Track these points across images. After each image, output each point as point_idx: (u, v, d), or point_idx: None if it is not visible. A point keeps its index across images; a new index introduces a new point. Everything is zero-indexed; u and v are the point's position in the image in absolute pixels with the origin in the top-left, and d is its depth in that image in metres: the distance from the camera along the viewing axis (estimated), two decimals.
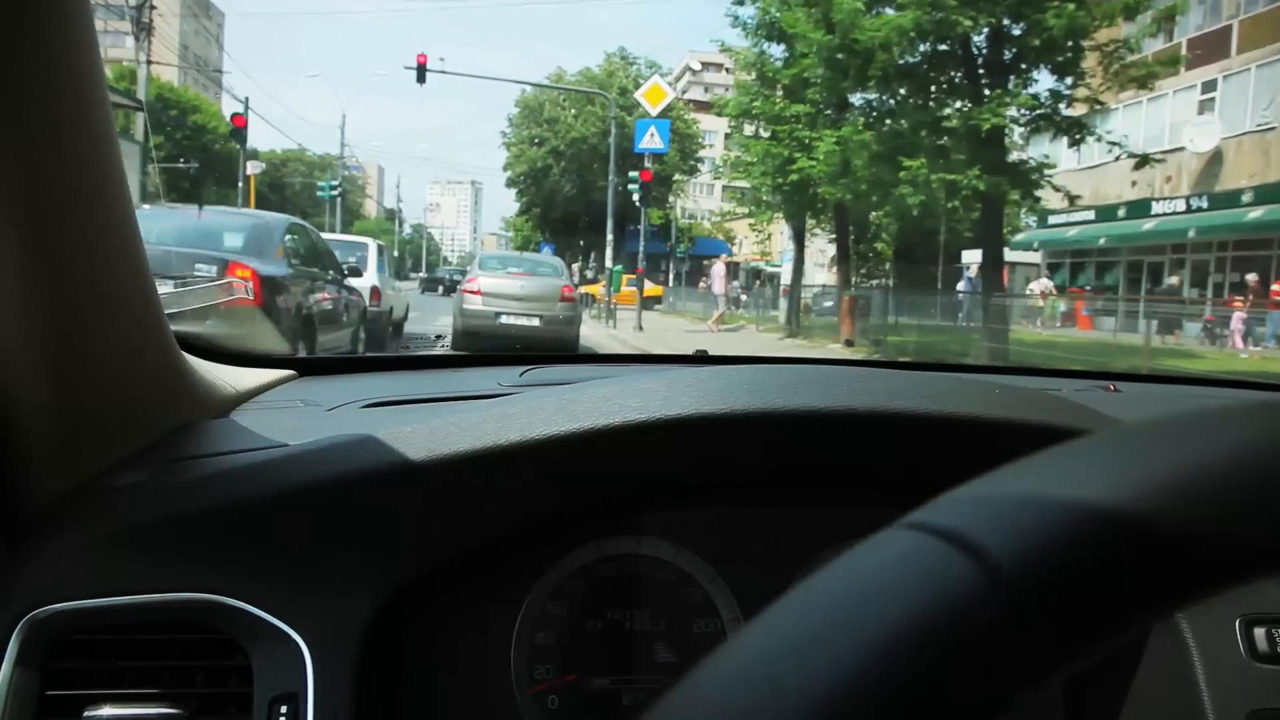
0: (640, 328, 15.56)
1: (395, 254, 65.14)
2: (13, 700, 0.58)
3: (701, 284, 26.52)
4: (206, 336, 0.96)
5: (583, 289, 18.18)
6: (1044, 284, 21.87)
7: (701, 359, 1.33)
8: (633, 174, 18.19)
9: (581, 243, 34.93)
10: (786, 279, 24.63)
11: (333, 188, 25.60)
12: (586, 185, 36.87)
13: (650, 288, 32.09)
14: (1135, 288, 22.97)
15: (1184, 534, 0.25)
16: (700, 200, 45.41)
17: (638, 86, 28.94)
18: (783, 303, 19.47)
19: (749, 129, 17.37)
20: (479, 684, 0.71)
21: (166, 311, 0.74)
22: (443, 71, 21.26)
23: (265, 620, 0.62)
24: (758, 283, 39.36)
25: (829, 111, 15.27)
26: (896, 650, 0.23)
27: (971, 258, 33.87)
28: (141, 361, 0.72)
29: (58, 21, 0.54)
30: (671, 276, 35.69)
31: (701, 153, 37.92)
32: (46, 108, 0.54)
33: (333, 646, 0.62)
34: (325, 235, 14.11)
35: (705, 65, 62.78)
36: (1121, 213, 22.08)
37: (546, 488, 0.68)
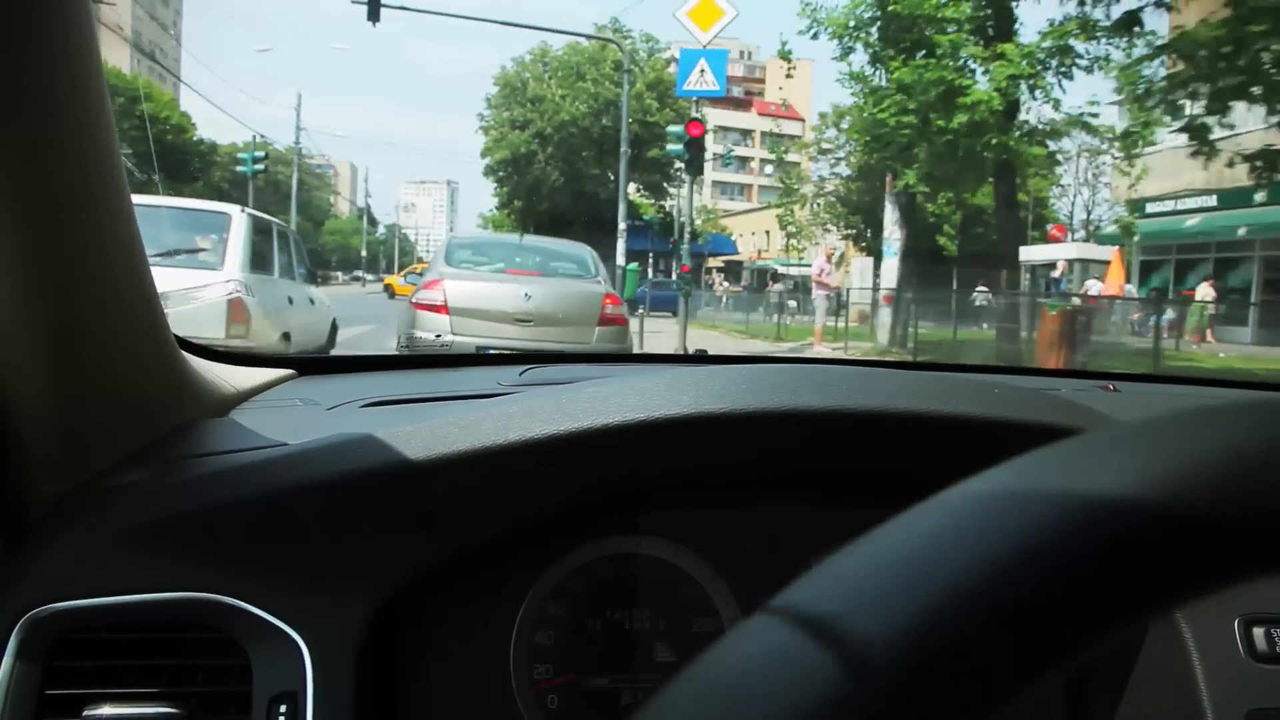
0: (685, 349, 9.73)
1: (364, 253, 58.81)
2: (12, 699, 0.59)
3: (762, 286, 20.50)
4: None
5: None
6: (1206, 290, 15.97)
7: (701, 358, 1.36)
8: (673, 129, 12.14)
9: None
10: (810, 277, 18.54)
11: (255, 160, 19.19)
12: (576, 174, 31.94)
13: (400, 284, 27.26)
14: (1274, 289, 17.09)
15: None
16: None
17: (634, 62, 22.57)
18: (883, 315, 13.17)
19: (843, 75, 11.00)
20: (478, 683, 0.72)
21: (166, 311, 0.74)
22: (403, 7, 15.00)
23: (264, 619, 0.62)
24: (770, 284, 33.45)
25: (991, 24, 9.09)
26: None
27: (1030, 255, 27.98)
28: (141, 361, 0.73)
29: (59, 21, 0.55)
30: (675, 278, 29.66)
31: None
32: (47, 108, 0.56)
33: (332, 646, 0.63)
34: (167, 201, 7.22)
35: None
36: (1260, 196, 16.12)
37: (546, 487, 0.69)
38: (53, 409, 0.63)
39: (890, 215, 13.89)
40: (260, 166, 20.16)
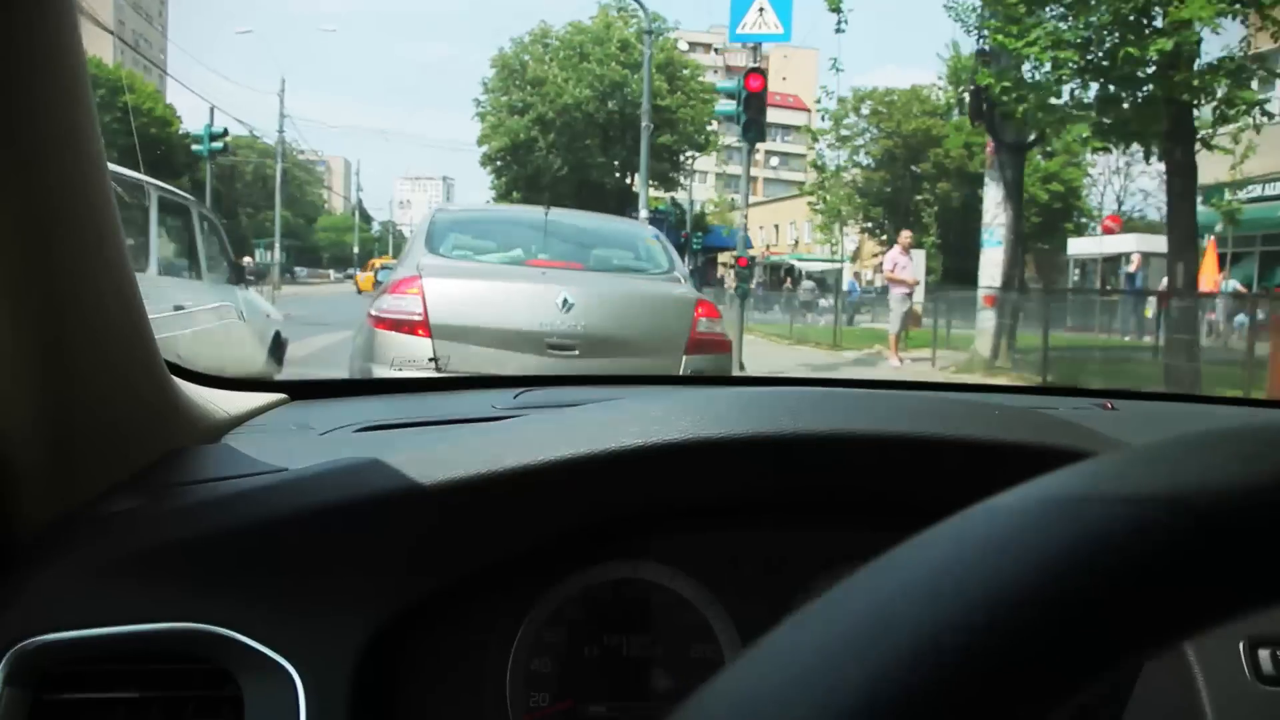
0: (743, 367, 8.22)
1: (356, 250, 56.29)
2: None
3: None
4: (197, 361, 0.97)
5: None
6: None
7: (698, 379, 1.48)
8: (722, 85, 9.44)
9: None
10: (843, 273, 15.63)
11: (213, 138, 16.06)
12: (580, 163, 29.65)
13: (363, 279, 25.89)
14: None
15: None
16: (695, 189, 37.10)
17: (641, 40, 20.16)
18: (982, 320, 10.42)
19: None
20: (474, 711, 0.71)
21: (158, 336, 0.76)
22: None
23: (257, 650, 0.62)
24: (788, 281, 30.98)
25: None
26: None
27: (1079, 248, 25.50)
28: (131, 387, 0.73)
29: (45, 36, 0.55)
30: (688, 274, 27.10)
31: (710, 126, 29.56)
32: (35, 133, 0.56)
33: (326, 676, 0.62)
34: None
35: (693, 45, 54.29)
36: None
37: (542, 513, 0.69)
38: (42, 436, 0.63)
39: (992, 194, 10.99)
40: (219, 145, 17.00)
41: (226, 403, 0.95)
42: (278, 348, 6.02)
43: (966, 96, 10.94)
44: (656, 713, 0.72)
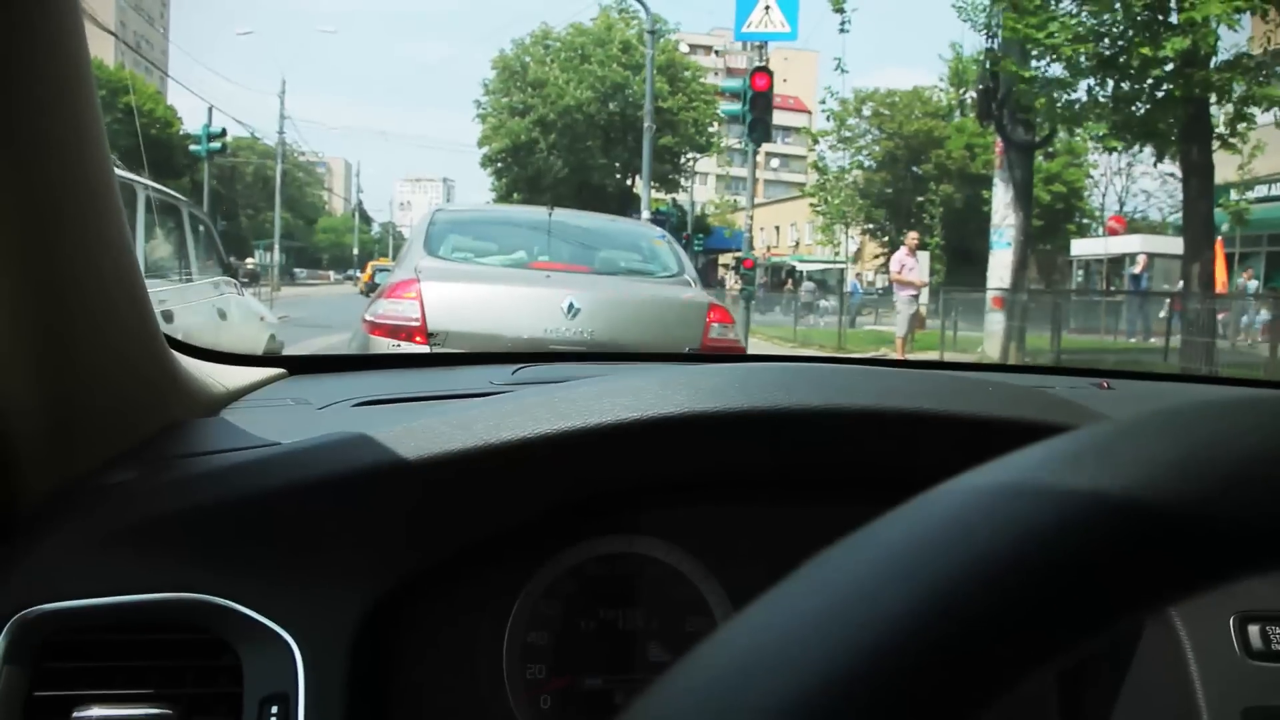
0: None
1: (356, 251, 56.19)
2: (1, 701, 0.60)
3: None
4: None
5: None
6: None
7: (694, 356, 1.41)
8: (727, 84, 9.38)
9: None
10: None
11: (210, 137, 15.77)
12: (581, 164, 29.54)
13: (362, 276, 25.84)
14: None
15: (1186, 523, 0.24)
16: (695, 190, 37.03)
17: (642, 41, 20.22)
18: (990, 322, 10.24)
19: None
20: (471, 684, 0.72)
21: (161, 309, 0.79)
22: None
23: (255, 620, 0.63)
24: (789, 282, 30.90)
25: None
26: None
27: (1083, 249, 25.34)
28: (130, 360, 0.74)
29: (50, 24, 0.57)
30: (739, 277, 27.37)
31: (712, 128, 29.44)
32: (37, 112, 0.58)
33: (324, 647, 0.63)
34: None
35: (694, 48, 54.31)
36: None
37: (538, 486, 0.70)
38: (41, 409, 0.64)
39: (1001, 195, 10.88)
40: (217, 145, 16.77)
41: (225, 377, 0.95)
42: (272, 352, 5.85)
43: (971, 97, 10.81)
44: (651, 686, 0.67)
